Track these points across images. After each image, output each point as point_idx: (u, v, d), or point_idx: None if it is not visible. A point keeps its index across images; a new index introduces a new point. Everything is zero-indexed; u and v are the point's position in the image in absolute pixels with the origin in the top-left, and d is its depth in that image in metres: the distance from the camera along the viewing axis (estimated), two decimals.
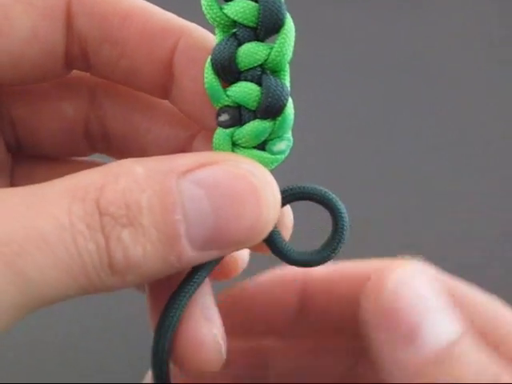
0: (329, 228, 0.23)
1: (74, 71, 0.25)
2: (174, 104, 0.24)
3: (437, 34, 0.68)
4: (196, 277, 0.21)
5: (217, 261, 0.22)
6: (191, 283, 0.21)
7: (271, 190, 0.20)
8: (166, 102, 0.24)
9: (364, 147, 0.60)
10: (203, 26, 0.23)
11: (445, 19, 0.69)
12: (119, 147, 0.26)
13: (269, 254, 0.23)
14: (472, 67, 0.66)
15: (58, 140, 0.26)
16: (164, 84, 0.23)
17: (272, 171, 0.21)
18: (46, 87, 0.25)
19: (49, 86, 0.25)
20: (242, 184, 0.20)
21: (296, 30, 0.21)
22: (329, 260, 0.23)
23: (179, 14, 0.23)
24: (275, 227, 0.22)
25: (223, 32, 0.21)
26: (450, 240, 0.55)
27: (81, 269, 0.18)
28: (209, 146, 0.23)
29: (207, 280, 0.23)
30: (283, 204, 0.22)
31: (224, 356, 0.22)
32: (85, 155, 0.28)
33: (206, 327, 0.22)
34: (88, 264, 0.18)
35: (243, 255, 0.26)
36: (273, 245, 0.22)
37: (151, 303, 0.24)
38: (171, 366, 0.22)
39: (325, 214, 0.23)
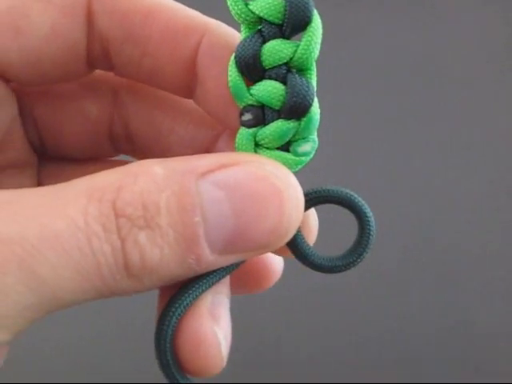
0: (355, 232, 0.22)
1: (97, 71, 0.24)
2: (198, 103, 0.23)
3: (450, 38, 0.68)
4: (212, 275, 0.21)
5: (238, 263, 0.21)
6: (205, 279, 0.21)
7: (294, 193, 0.19)
8: (190, 101, 0.24)
9: (390, 151, 0.60)
10: (229, 24, 0.22)
11: (457, 23, 0.68)
12: (143, 148, 0.26)
13: (292, 256, 0.22)
14: (486, 71, 0.65)
15: (82, 141, 0.26)
16: (188, 83, 0.23)
17: (296, 173, 0.21)
18: (69, 87, 0.25)
19: (71, 86, 0.25)
20: (264, 186, 0.19)
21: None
22: (354, 266, 0.22)
23: (205, 12, 0.23)
24: (299, 230, 0.21)
25: (249, 29, 0.21)
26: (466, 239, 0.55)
27: (95, 270, 0.17)
28: (233, 146, 0.22)
29: (226, 280, 0.22)
30: (308, 207, 0.22)
31: (224, 358, 0.21)
32: (110, 157, 0.27)
33: (209, 324, 0.21)
34: (103, 265, 0.17)
35: (277, 265, 0.25)
36: (296, 249, 0.22)
37: (161, 299, 0.23)
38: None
39: (351, 218, 0.22)
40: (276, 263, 0.25)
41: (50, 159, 0.27)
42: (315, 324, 0.52)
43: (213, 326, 0.21)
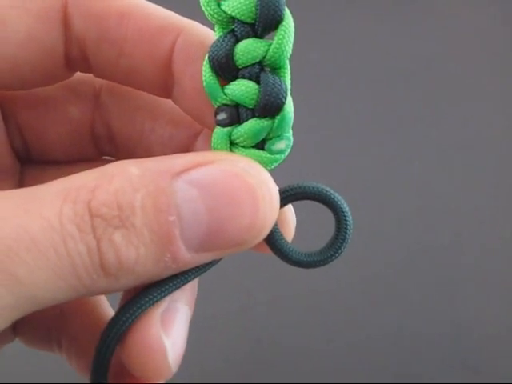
0: (333, 228, 0.22)
1: (78, 73, 0.25)
2: (176, 103, 0.24)
3: (442, 40, 0.68)
4: (178, 279, 0.20)
5: (211, 263, 0.21)
6: (168, 285, 0.20)
7: (268, 189, 0.20)
8: (168, 101, 0.24)
9: (368, 146, 0.61)
10: (206, 24, 0.22)
11: (451, 25, 0.68)
12: (125, 149, 0.26)
13: (270, 252, 0.23)
14: (486, 71, 0.65)
15: (65, 144, 0.26)
16: (165, 82, 0.23)
17: (274, 171, 0.21)
18: (51, 90, 0.25)
19: (53, 89, 0.25)
20: (237, 183, 0.19)
21: (305, 32, 0.20)
22: (332, 261, 0.22)
23: (183, 12, 0.23)
24: (276, 227, 0.22)
25: (222, 29, 0.21)
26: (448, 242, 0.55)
27: (71, 270, 0.18)
28: (211, 144, 0.22)
29: (190, 288, 0.22)
30: (285, 204, 0.22)
31: (171, 366, 0.21)
32: (94, 159, 0.27)
33: (156, 331, 0.20)
34: (79, 265, 0.18)
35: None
36: (273, 245, 0.22)
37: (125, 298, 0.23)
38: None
39: (329, 214, 0.22)
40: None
41: (33, 164, 0.27)
42: (314, 324, 0.52)
43: (160, 332, 0.20)
